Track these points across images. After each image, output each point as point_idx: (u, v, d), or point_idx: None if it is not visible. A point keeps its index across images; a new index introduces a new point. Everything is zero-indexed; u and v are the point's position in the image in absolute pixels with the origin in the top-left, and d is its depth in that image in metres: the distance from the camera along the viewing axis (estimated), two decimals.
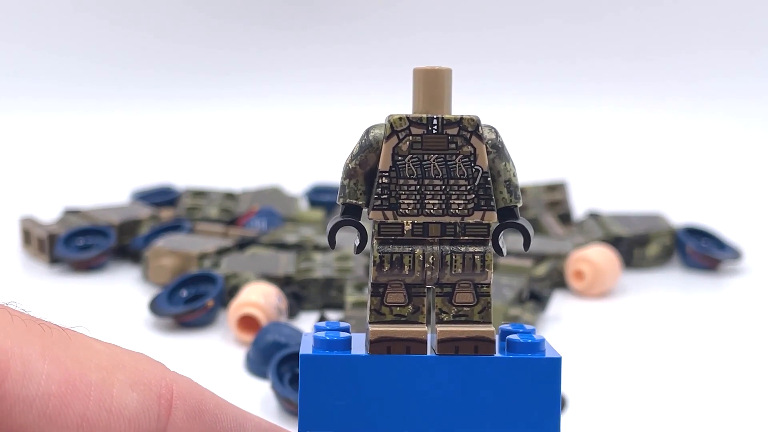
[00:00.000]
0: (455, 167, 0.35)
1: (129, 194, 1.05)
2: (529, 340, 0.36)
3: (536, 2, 1.36)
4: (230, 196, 1.00)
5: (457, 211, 0.36)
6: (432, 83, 0.36)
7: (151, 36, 1.38)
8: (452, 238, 0.36)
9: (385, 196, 0.35)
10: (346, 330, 0.37)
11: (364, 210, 0.36)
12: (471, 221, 0.36)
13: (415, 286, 0.36)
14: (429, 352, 0.36)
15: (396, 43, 1.37)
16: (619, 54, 1.33)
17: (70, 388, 0.33)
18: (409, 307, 0.36)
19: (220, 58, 1.39)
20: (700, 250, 0.88)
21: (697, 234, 0.91)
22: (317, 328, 0.37)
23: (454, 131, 0.35)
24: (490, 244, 0.36)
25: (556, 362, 0.35)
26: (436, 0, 1.38)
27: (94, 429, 0.33)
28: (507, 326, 0.37)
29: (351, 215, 0.36)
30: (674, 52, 1.31)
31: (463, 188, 0.36)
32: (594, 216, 0.95)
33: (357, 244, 0.36)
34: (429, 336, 0.36)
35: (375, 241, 0.35)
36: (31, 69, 1.36)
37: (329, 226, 0.36)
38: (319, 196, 1.05)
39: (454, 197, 0.36)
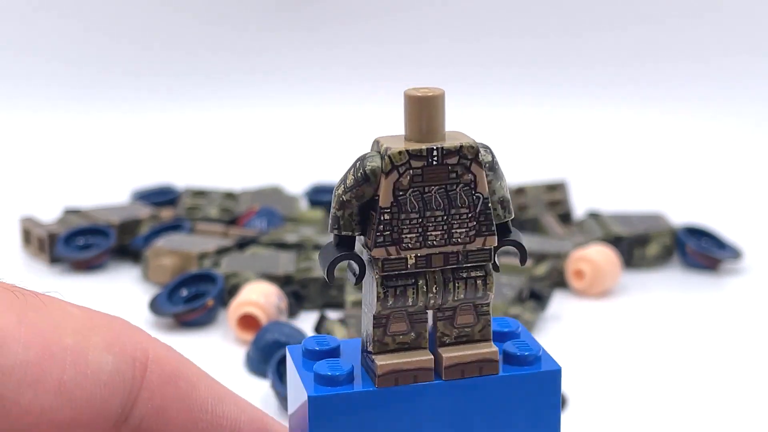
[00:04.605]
0: (456, 196, 0.35)
1: (129, 194, 1.05)
2: (527, 353, 0.36)
3: (536, 2, 1.36)
4: (230, 196, 1.00)
5: (459, 239, 0.35)
6: (426, 110, 0.34)
7: (151, 36, 1.38)
8: (455, 266, 0.35)
9: (388, 232, 0.34)
10: (335, 341, 0.37)
11: (358, 237, 0.35)
12: (473, 248, 0.35)
13: (417, 312, 0.35)
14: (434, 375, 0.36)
15: (396, 43, 1.37)
16: (620, 54, 1.33)
17: (48, 354, 0.33)
18: (412, 333, 0.35)
19: (219, 58, 1.39)
20: (700, 250, 0.88)
21: (697, 234, 0.91)
22: (307, 344, 0.37)
23: (454, 160, 0.34)
24: (490, 264, 0.36)
25: (557, 374, 0.36)
26: (436, 1, 1.38)
27: (72, 392, 0.33)
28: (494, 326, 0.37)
29: (345, 246, 0.35)
30: (675, 52, 1.31)
31: (464, 216, 0.35)
32: (594, 216, 0.94)
33: (357, 275, 0.35)
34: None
35: (378, 276, 0.35)
36: (31, 69, 1.36)
37: (327, 262, 0.35)
38: (319, 196, 1.05)
39: (455, 226, 0.35)
